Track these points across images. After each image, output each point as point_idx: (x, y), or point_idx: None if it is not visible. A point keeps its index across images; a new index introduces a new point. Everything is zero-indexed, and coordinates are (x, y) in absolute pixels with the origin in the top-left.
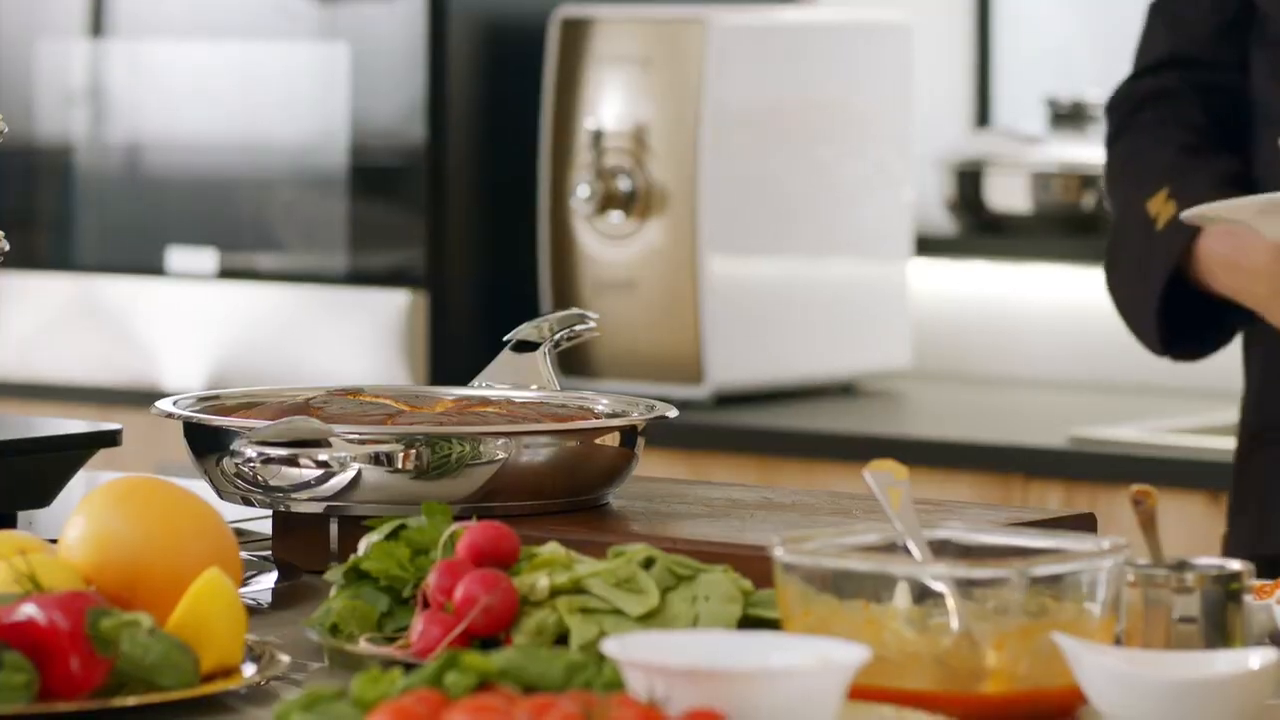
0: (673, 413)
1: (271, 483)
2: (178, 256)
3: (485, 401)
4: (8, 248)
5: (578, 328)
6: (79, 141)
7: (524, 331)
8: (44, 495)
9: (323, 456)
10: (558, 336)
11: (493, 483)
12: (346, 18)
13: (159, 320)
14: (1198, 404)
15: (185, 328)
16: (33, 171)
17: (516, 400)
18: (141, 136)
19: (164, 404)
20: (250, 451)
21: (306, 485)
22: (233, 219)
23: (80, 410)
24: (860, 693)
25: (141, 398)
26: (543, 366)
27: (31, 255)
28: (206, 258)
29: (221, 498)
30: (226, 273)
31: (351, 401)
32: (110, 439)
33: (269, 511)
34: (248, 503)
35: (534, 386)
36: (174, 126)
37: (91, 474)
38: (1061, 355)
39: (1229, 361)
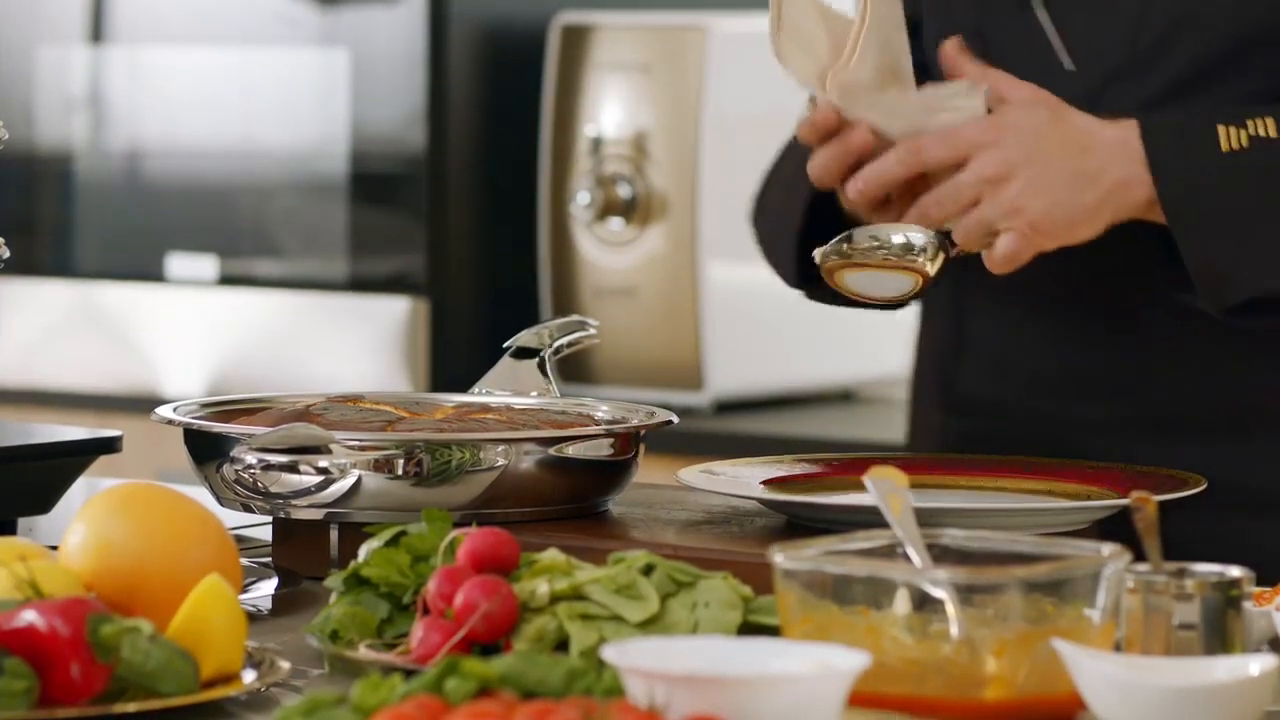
0: (673, 419)
1: (272, 489)
2: (178, 263)
3: (485, 408)
4: (8, 254)
5: (578, 334)
6: (79, 148)
7: (524, 338)
8: (44, 502)
9: (323, 463)
10: (558, 343)
11: (493, 489)
12: (346, 24)
13: (159, 327)
14: None
15: (185, 334)
16: (33, 178)
17: (516, 407)
18: (141, 143)
19: (164, 410)
20: (250, 458)
21: (307, 492)
22: (233, 226)
23: (80, 417)
24: (860, 699)
25: (141, 404)
26: (543, 373)
27: (31, 262)
28: (206, 264)
29: (221, 504)
30: (226, 279)
31: (351, 408)
32: (110, 445)
33: (269, 518)
34: (248, 509)
35: (534, 393)
36: (174, 133)
37: (92, 480)
38: None
39: None
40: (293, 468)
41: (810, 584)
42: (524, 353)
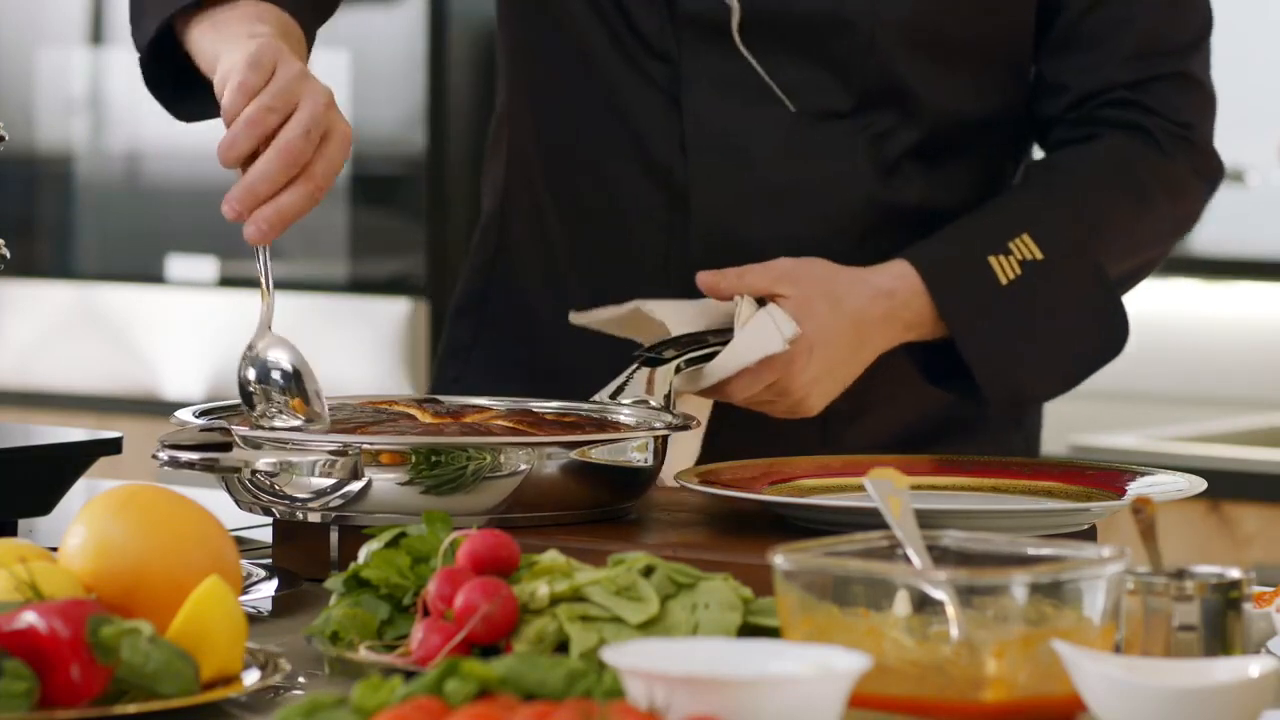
0: (699, 421)
1: (286, 492)
2: (178, 264)
3: (528, 413)
4: (8, 256)
5: (702, 349)
6: (79, 150)
7: (652, 346)
8: (44, 503)
9: (336, 467)
10: (689, 354)
11: (513, 496)
12: (346, 26)
13: (159, 328)
14: (1196, 412)
15: (185, 336)
16: (33, 180)
17: (541, 412)
18: (141, 144)
19: (183, 414)
20: (165, 455)
21: (320, 494)
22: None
23: (80, 418)
24: (860, 701)
25: (142, 406)
26: (665, 382)
27: (32, 263)
28: (206, 266)
29: (240, 507)
30: (226, 281)
31: (368, 409)
32: (111, 447)
33: (269, 519)
34: (267, 512)
35: (651, 402)
36: (174, 134)
37: (92, 482)
38: None
39: (1231, 369)
40: (303, 470)
41: (810, 585)
42: (652, 361)
